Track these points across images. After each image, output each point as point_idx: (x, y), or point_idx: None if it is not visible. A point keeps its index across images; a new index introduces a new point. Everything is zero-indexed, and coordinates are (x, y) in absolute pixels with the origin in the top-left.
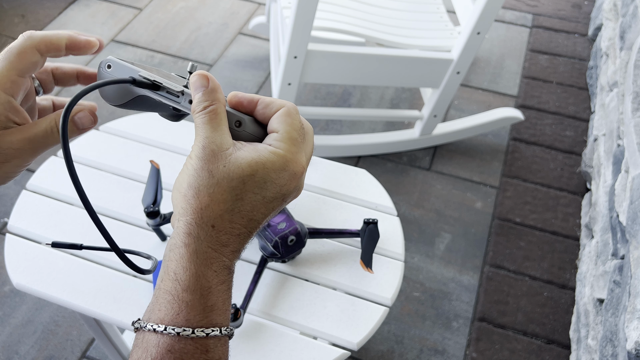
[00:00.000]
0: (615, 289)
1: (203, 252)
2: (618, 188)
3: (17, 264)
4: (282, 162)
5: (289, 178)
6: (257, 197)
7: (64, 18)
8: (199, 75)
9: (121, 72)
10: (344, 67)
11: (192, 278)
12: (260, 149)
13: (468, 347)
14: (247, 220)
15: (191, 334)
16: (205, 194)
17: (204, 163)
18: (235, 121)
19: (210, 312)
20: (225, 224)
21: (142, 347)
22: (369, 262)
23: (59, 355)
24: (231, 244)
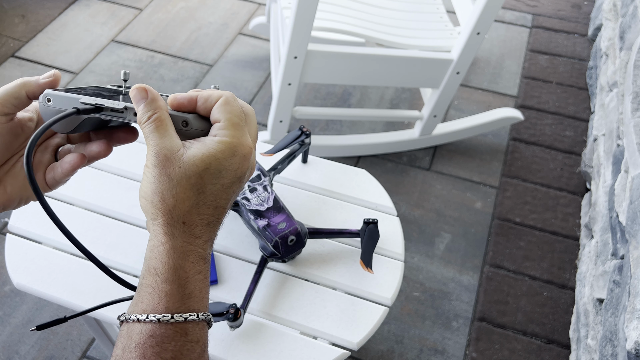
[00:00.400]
0: (615, 289)
1: (179, 247)
2: (618, 188)
3: (17, 264)
4: (230, 149)
5: (240, 161)
6: (216, 186)
7: (64, 18)
8: (137, 89)
9: (62, 103)
10: (344, 67)
11: (170, 270)
12: (208, 142)
13: (468, 347)
14: (213, 208)
15: (170, 319)
16: (169, 196)
17: (160, 169)
18: (181, 122)
19: (187, 300)
20: (194, 217)
21: (126, 335)
22: (369, 262)
23: (59, 355)
24: (203, 235)
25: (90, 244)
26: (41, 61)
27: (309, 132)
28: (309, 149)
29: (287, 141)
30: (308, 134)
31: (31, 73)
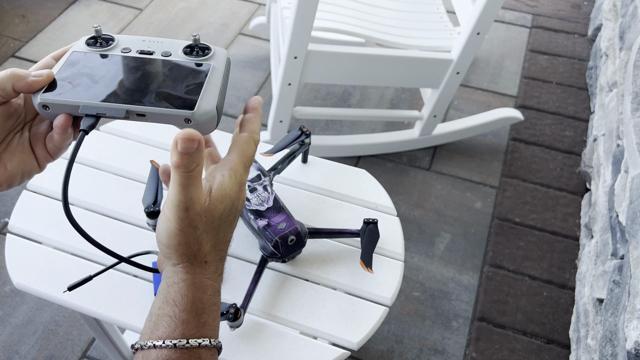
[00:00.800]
0: (615, 289)
1: (199, 282)
2: (617, 188)
3: (17, 264)
4: (238, 189)
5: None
6: (227, 223)
7: (64, 18)
8: (186, 137)
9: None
10: (344, 68)
11: (189, 302)
12: (225, 182)
13: (468, 346)
14: (225, 243)
15: (186, 344)
16: (194, 243)
17: (188, 222)
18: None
19: (202, 327)
20: (214, 256)
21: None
22: (368, 262)
23: (59, 355)
24: (219, 269)
25: (91, 245)
26: None
27: (309, 132)
28: (309, 149)
29: (287, 141)
30: (308, 134)
31: None
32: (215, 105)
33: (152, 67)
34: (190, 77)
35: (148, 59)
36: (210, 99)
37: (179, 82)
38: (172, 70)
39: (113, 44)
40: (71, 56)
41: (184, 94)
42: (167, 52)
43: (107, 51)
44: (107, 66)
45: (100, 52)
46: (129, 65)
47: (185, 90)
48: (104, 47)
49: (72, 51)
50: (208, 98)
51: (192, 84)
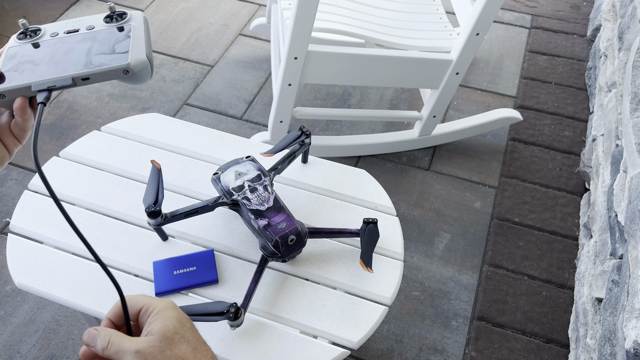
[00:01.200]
0: (614, 289)
1: None
2: (617, 188)
3: (18, 264)
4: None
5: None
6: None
7: (65, 19)
8: (87, 333)
9: (15, 94)
10: (343, 68)
11: None
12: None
13: (467, 346)
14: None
15: None
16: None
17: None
18: None
19: None
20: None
21: None
22: (368, 261)
23: (60, 355)
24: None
25: (92, 244)
26: None
27: (309, 132)
28: (309, 149)
29: (288, 141)
30: (308, 134)
31: None
32: (146, 54)
33: (81, 40)
34: (117, 39)
35: (76, 35)
36: (140, 50)
37: (109, 45)
38: (99, 38)
39: (41, 33)
40: (8, 52)
41: (116, 52)
42: (90, 26)
43: (37, 39)
44: (43, 50)
45: (31, 42)
46: (62, 43)
47: (116, 50)
48: (33, 38)
49: (7, 47)
50: (137, 50)
51: (120, 43)
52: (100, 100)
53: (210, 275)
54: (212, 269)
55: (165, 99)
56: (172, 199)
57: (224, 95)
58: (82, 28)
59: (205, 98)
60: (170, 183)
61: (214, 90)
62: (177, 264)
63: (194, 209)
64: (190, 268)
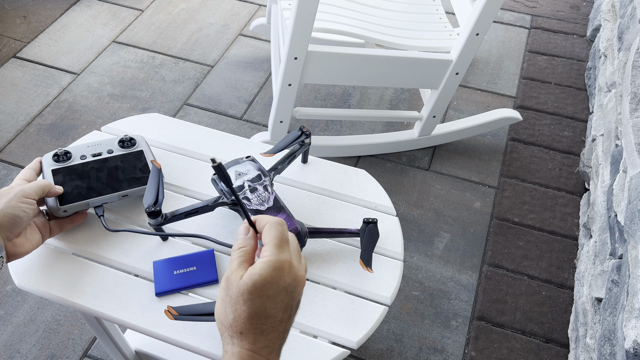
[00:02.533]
0: (614, 288)
1: (238, 353)
2: (616, 188)
3: (19, 264)
4: (270, 265)
5: (279, 275)
6: (263, 298)
7: (65, 19)
8: (244, 226)
9: (74, 209)
10: (343, 68)
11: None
12: (256, 264)
13: (467, 345)
14: (264, 318)
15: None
16: (230, 312)
17: (225, 291)
18: None
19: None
20: (249, 327)
21: None
22: (368, 261)
23: (60, 354)
24: (259, 341)
25: (92, 243)
26: (43, 62)
27: (309, 132)
28: (309, 149)
29: (288, 141)
30: (308, 134)
31: (33, 74)
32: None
33: (109, 163)
34: (135, 161)
35: (103, 159)
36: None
37: (132, 166)
38: (122, 160)
39: (71, 155)
40: (53, 173)
41: (140, 172)
42: (110, 150)
43: (73, 163)
44: (82, 171)
45: (69, 165)
46: (94, 166)
47: (140, 170)
48: (68, 161)
49: (50, 169)
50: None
51: (140, 164)
52: (100, 100)
53: (210, 275)
54: (212, 269)
55: (166, 99)
56: (172, 199)
57: (224, 95)
58: (104, 152)
59: (206, 98)
60: (170, 183)
61: (214, 90)
62: (177, 264)
63: (194, 209)
64: (190, 268)
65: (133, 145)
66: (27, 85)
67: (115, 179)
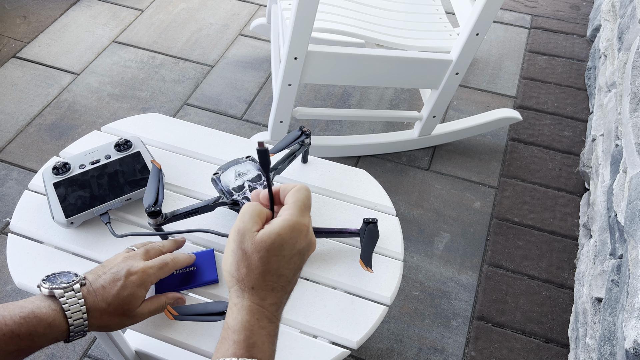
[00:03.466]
0: (614, 288)
1: (247, 306)
2: (616, 188)
3: (19, 264)
4: (289, 226)
5: (297, 236)
6: (279, 257)
7: (65, 19)
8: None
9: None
10: (343, 68)
11: (239, 324)
12: (274, 222)
13: (467, 345)
14: (277, 276)
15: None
16: (243, 266)
17: (237, 244)
18: None
19: (252, 348)
20: (261, 283)
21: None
22: (368, 261)
23: (60, 354)
24: (268, 298)
25: (92, 243)
26: (43, 62)
27: (309, 132)
28: (309, 149)
29: (288, 141)
30: (308, 134)
31: (33, 74)
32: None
33: (108, 168)
34: (134, 163)
35: (101, 165)
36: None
37: (131, 168)
38: (121, 164)
39: (70, 166)
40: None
41: (140, 174)
42: (107, 155)
43: (73, 172)
44: (83, 181)
45: (70, 177)
46: (94, 174)
47: (140, 172)
48: (67, 171)
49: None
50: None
51: (138, 166)
52: (100, 100)
53: (210, 275)
54: (212, 268)
55: (166, 99)
56: (172, 199)
57: (224, 95)
58: (101, 158)
59: (206, 98)
60: (170, 183)
61: (214, 90)
62: None
63: (194, 209)
64: (190, 268)
65: (129, 147)
66: (27, 85)
67: (116, 184)
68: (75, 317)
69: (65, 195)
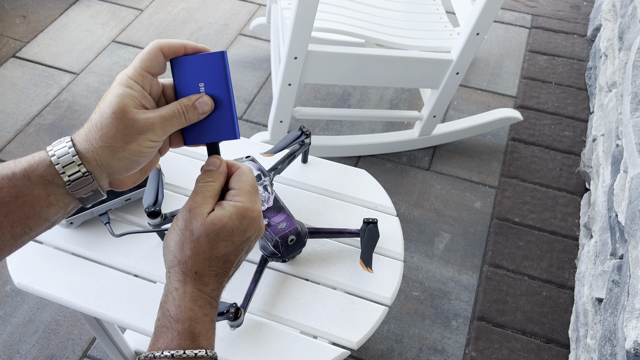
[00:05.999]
0: (614, 289)
1: (190, 292)
2: (617, 188)
3: (18, 264)
4: (241, 212)
5: (249, 223)
6: (228, 243)
7: (65, 19)
8: (211, 160)
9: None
10: (343, 68)
11: (182, 312)
12: (225, 205)
13: (467, 346)
14: (222, 262)
15: (183, 355)
16: (188, 248)
17: (185, 223)
18: None
19: (197, 338)
20: (205, 269)
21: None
22: (368, 261)
23: (60, 355)
24: (211, 284)
25: (92, 243)
26: (42, 62)
27: (309, 132)
28: (309, 149)
29: (287, 141)
30: (308, 134)
31: (32, 73)
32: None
33: None
34: None
35: None
36: None
37: None
38: None
39: None
40: None
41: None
42: None
43: None
44: None
45: None
46: None
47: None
48: None
49: None
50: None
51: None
52: (100, 100)
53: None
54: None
55: None
56: (172, 199)
57: None
58: None
59: None
60: (170, 183)
61: None
62: None
63: None
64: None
65: None
66: (27, 85)
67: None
68: (64, 161)
69: None
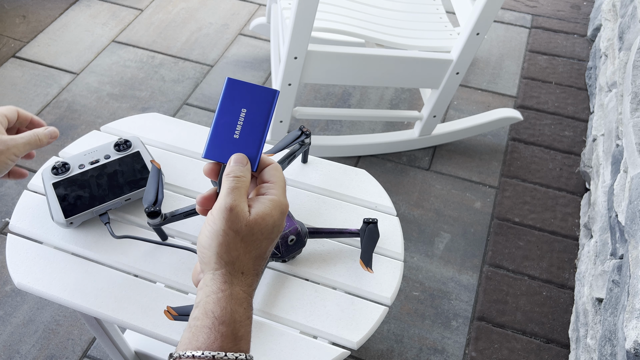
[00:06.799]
0: (614, 289)
1: (237, 294)
2: (617, 188)
3: (18, 264)
4: (279, 207)
5: (282, 217)
6: (268, 240)
7: (64, 19)
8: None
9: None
10: (343, 68)
11: (227, 314)
12: (263, 200)
13: (467, 346)
14: (263, 260)
15: (224, 357)
16: (235, 249)
17: (229, 224)
18: None
19: (239, 341)
20: (250, 268)
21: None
22: (368, 261)
23: (60, 355)
24: (254, 283)
25: (92, 244)
26: (42, 61)
27: (309, 132)
28: (309, 149)
29: (287, 141)
30: (308, 134)
31: (32, 73)
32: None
33: (108, 168)
34: (133, 163)
35: (101, 165)
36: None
37: (131, 168)
38: (120, 164)
39: (70, 166)
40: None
41: (139, 174)
42: (107, 155)
43: (72, 172)
44: (83, 181)
45: (69, 177)
46: (93, 174)
47: (139, 171)
48: (67, 171)
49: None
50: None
51: (138, 166)
52: (99, 100)
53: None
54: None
55: (165, 98)
56: (172, 199)
57: None
58: (101, 158)
59: (205, 98)
60: (170, 183)
61: (214, 90)
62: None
63: (193, 209)
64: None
65: (129, 147)
66: (27, 85)
67: (116, 184)
68: None
69: (64, 195)
